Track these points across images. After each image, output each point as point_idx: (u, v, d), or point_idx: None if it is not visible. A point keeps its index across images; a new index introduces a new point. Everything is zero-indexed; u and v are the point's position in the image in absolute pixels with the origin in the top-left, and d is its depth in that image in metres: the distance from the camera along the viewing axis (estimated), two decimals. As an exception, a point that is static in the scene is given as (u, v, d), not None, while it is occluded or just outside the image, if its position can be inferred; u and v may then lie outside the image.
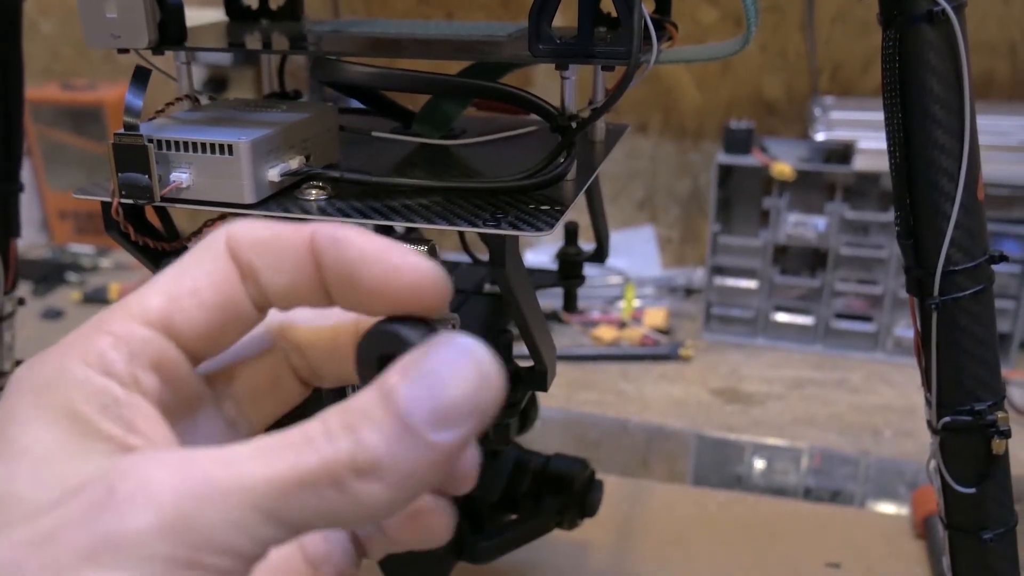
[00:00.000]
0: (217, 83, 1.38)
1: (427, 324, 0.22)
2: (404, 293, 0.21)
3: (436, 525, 0.25)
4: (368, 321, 0.23)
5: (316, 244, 0.22)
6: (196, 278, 0.22)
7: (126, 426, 0.21)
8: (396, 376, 0.19)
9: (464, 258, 0.63)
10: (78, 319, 1.31)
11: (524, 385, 0.47)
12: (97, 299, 1.35)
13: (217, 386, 0.24)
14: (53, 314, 1.31)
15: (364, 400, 0.19)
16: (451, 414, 0.19)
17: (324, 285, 0.22)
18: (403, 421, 0.19)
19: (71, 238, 1.59)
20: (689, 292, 1.40)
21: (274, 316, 0.24)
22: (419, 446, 0.19)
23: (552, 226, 0.38)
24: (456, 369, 0.19)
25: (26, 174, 1.55)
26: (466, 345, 0.20)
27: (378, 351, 0.22)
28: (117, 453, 0.20)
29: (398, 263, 0.21)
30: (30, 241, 1.56)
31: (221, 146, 0.40)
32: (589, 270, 0.65)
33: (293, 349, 0.25)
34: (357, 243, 0.21)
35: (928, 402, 0.48)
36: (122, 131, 0.40)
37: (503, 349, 0.49)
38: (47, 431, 0.20)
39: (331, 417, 0.19)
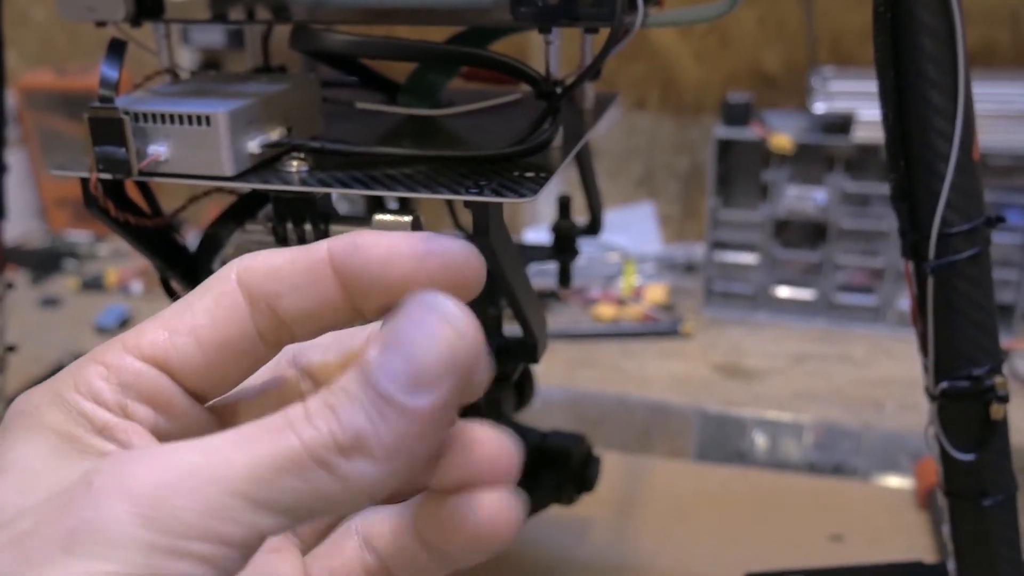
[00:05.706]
0: (211, 66, 1.37)
1: None
2: (439, 276, 0.21)
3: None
4: None
5: (335, 255, 0.21)
6: (196, 315, 0.22)
7: (121, 444, 0.21)
8: (373, 349, 0.19)
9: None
10: (76, 307, 1.30)
11: (514, 357, 0.46)
12: (95, 286, 1.35)
13: (225, 417, 0.24)
14: (51, 302, 1.30)
15: (345, 379, 0.19)
16: (425, 377, 0.18)
17: (348, 297, 0.21)
18: (380, 392, 0.18)
19: (68, 225, 1.59)
20: (690, 268, 1.39)
21: (288, 347, 0.24)
22: (399, 416, 0.18)
23: (536, 192, 0.37)
24: (425, 327, 0.19)
25: (22, 161, 1.55)
26: (433, 302, 0.19)
27: None
28: None
29: (430, 247, 0.21)
30: (27, 229, 1.55)
31: (198, 117, 0.39)
32: (589, 249, 0.65)
33: (308, 379, 0.24)
34: (380, 239, 0.21)
35: (926, 368, 0.48)
36: (97, 103, 0.39)
37: (491, 325, 0.49)
38: (36, 446, 0.20)
39: (313, 399, 0.19)
